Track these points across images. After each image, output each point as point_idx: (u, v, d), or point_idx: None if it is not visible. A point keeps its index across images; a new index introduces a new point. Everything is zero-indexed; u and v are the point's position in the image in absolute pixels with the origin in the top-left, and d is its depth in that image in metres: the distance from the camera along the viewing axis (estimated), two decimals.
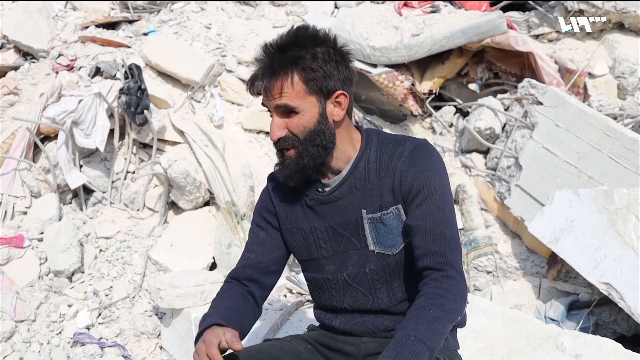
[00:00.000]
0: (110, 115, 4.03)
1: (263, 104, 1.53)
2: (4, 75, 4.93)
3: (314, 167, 1.52)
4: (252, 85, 1.51)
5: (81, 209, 4.08)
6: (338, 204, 1.56)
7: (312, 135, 1.48)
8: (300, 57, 1.45)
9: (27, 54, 5.17)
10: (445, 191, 1.50)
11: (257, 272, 1.66)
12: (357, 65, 4.57)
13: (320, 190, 1.58)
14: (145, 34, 4.88)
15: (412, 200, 1.49)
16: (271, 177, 1.72)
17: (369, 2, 5.29)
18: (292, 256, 1.72)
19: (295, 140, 1.48)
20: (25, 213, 3.96)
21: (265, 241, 1.68)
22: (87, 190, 4.13)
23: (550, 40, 5.16)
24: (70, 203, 4.12)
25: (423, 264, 1.45)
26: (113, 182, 4.13)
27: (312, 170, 1.53)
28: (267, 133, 4.49)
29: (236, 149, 4.20)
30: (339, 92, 1.50)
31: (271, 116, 1.52)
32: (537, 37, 5.18)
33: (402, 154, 1.51)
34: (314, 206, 1.59)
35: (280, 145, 1.50)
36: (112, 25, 5.14)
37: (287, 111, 1.47)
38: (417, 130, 4.96)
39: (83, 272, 3.70)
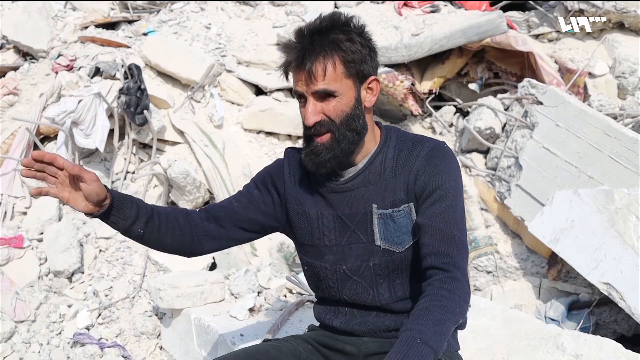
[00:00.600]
0: (110, 116, 4.03)
1: (295, 92, 1.49)
2: (4, 76, 4.93)
3: (348, 153, 1.51)
4: (289, 67, 1.47)
5: None
6: (349, 195, 1.56)
7: (348, 119, 1.47)
8: (341, 40, 1.44)
9: (27, 54, 5.18)
10: (459, 194, 1.50)
11: (229, 219, 1.65)
12: None
13: (334, 179, 1.58)
14: (145, 34, 4.88)
15: (424, 199, 1.49)
16: (289, 153, 1.70)
17: (368, 2, 5.29)
18: (292, 257, 1.72)
19: (332, 125, 1.47)
20: (25, 213, 3.96)
21: (255, 200, 1.67)
22: None
23: (550, 40, 5.16)
24: None
25: (429, 263, 1.45)
26: (113, 182, 4.13)
27: (346, 157, 1.52)
28: (267, 133, 4.49)
29: (236, 149, 4.20)
30: (372, 77, 1.51)
31: (300, 101, 1.50)
32: (537, 36, 5.18)
33: (420, 153, 1.51)
34: (325, 193, 1.59)
35: (315, 131, 1.48)
36: (111, 26, 5.14)
37: (325, 95, 1.46)
38: (417, 130, 4.96)
39: (83, 273, 3.70)
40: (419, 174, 1.50)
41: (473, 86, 4.85)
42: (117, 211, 1.56)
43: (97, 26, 5.03)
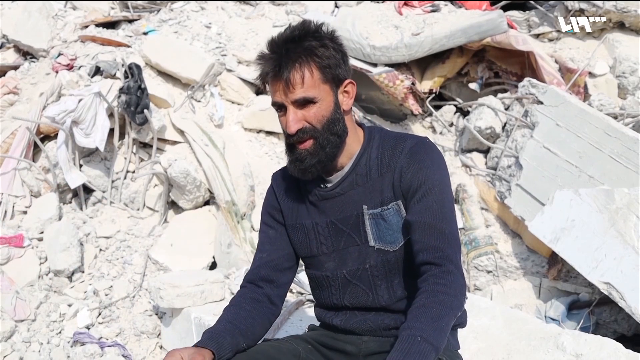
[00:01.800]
0: (110, 115, 4.02)
1: (274, 103, 1.50)
2: (4, 75, 4.93)
3: (333, 157, 1.52)
4: (270, 79, 1.48)
5: (81, 209, 4.08)
6: (340, 199, 1.57)
7: (329, 123, 1.49)
8: (315, 47, 1.46)
9: (27, 54, 5.18)
10: (445, 187, 1.51)
11: (271, 270, 1.66)
12: (358, 64, 4.57)
13: (322, 186, 1.59)
14: (145, 34, 4.87)
15: (412, 196, 1.50)
16: (275, 176, 1.72)
17: (369, 1, 5.28)
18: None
19: (314, 131, 1.48)
20: (25, 212, 3.96)
21: (276, 239, 1.68)
22: (87, 190, 4.13)
23: (550, 40, 5.15)
24: (70, 202, 4.12)
25: (422, 259, 1.46)
26: (113, 181, 4.13)
27: (330, 161, 1.53)
28: (267, 132, 4.49)
29: (236, 148, 4.20)
30: (347, 80, 1.53)
31: (279, 111, 1.50)
32: (537, 36, 5.18)
33: (402, 150, 1.52)
34: (316, 202, 1.60)
35: (298, 138, 1.49)
36: (112, 25, 5.14)
37: (304, 102, 1.47)
38: (418, 130, 4.96)
39: (83, 272, 3.70)
40: (404, 171, 1.51)
41: (473, 86, 4.85)
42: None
43: (97, 25, 5.03)
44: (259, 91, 4.68)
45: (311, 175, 1.53)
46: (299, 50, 1.45)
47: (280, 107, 1.50)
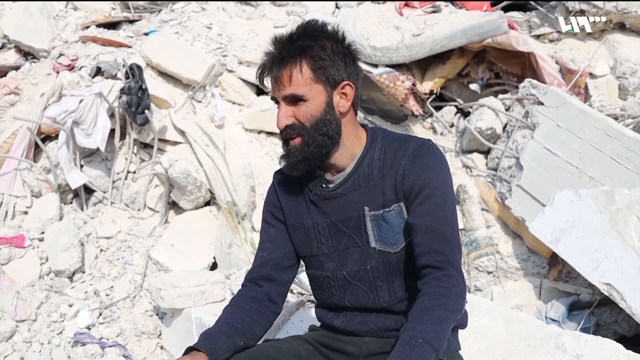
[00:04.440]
0: (111, 115, 4.03)
1: (272, 97, 1.54)
2: (5, 75, 4.94)
3: (319, 157, 1.53)
4: (262, 74, 1.53)
5: (82, 209, 4.08)
6: (341, 200, 1.57)
7: (318, 123, 1.50)
8: (309, 47, 1.48)
9: (28, 54, 5.18)
10: (447, 191, 1.51)
11: (272, 269, 1.66)
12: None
13: (324, 186, 1.59)
14: (146, 34, 4.88)
15: (413, 198, 1.50)
16: (277, 174, 1.73)
17: (369, 2, 5.28)
18: None
19: (302, 128, 1.50)
20: (26, 213, 3.96)
21: (276, 238, 1.68)
22: (88, 190, 4.14)
23: (551, 41, 5.15)
24: (71, 203, 4.12)
25: (423, 262, 1.46)
26: (114, 182, 4.13)
27: (317, 160, 1.53)
28: (268, 133, 4.49)
29: (237, 149, 4.20)
30: (345, 82, 1.52)
31: (277, 106, 1.53)
32: (538, 37, 5.18)
33: (405, 152, 1.52)
34: (317, 202, 1.60)
35: (287, 134, 1.52)
36: (113, 25, 5.15)
37: (295, 100, 1.49)
38: (418, 131, 4.96)
39: (84, 272, 3.70)
40: (406, 174, 1.50)
41: (474, 86, 4.85)
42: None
43: (98, 26, 5.03)
44: (259, 92, 4.68)
45: (297, 172, 1.55)
46: (292, 49, 1.48)
47: (276, 102, 1.54)
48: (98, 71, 4.31)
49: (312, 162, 1.53)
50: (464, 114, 4.90)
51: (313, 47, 1.47)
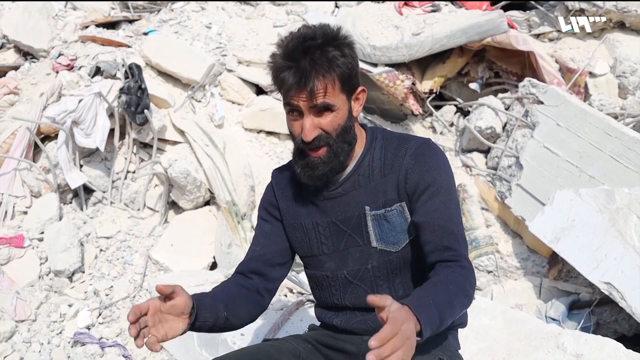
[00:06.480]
0: (111, 115, 4.03)
1: (287, 104, 1.46)
2: (4, 75, 4.93)
3: (343, 165, 1.53)
4: (287, 83, 1.42)
5: (81, 209, 4.08)
6: (341, 200, 1.57)
7: (343, 132, 1.48)
8: (336, 57, 1.43)
9: (28, 54, 5.18)
10: (451, 188, 1.51)
11: (263, 264, 1.65)
12: None
13: (324, 186, 1.58)
14: (145, 34, 4.88)
15: (418, 197, 1.49)
16: (275, 173, 1.72)
17: (369, 1, 5.28)
18: (297, 255, 1.72)
19: (329, 138, 1.47)
20: (25, 213, 3.96)
21: (270, 234, 1.68)
22: (88, 190, 4.13)
23: (551, 40, 5.15)
24: (71, 203, 4.12)
25: (435, 259, 1.44)
26: (113, 181, 4.13)
27: (341, 169, 1.53)
28: (267, 132, 4.49)
29: (237, 148, 4.20)
30: (360, 88, 1.52)
31: (291, 114, 1.47)
32: (537, 36, 5.17)
33: (407, 152, 1.52)
34: (317, 202, 1.60)
35: (314, 145, 1.47)
36: (112, 25, 5.14)
37: (322, 109, 1.45)
38: (418, 130, 4.96)
39: (83, 272, 3.70)
40: (409, 173, 1.50)
41: (474, 86, 4.85)
42: (200, 312, 1.45)
43: (97, 26, 5.03)
44: (259, 91, 4.68)
45: (321, 183, 1.53)
46: (324, 60, 1.41)
47: (293, 110, 1.47)
48: (97, 71, 4.30)
49: (336, 171, 1.52)
50: (464, 113, 4.90)
51: (340, 57, 1.43)
